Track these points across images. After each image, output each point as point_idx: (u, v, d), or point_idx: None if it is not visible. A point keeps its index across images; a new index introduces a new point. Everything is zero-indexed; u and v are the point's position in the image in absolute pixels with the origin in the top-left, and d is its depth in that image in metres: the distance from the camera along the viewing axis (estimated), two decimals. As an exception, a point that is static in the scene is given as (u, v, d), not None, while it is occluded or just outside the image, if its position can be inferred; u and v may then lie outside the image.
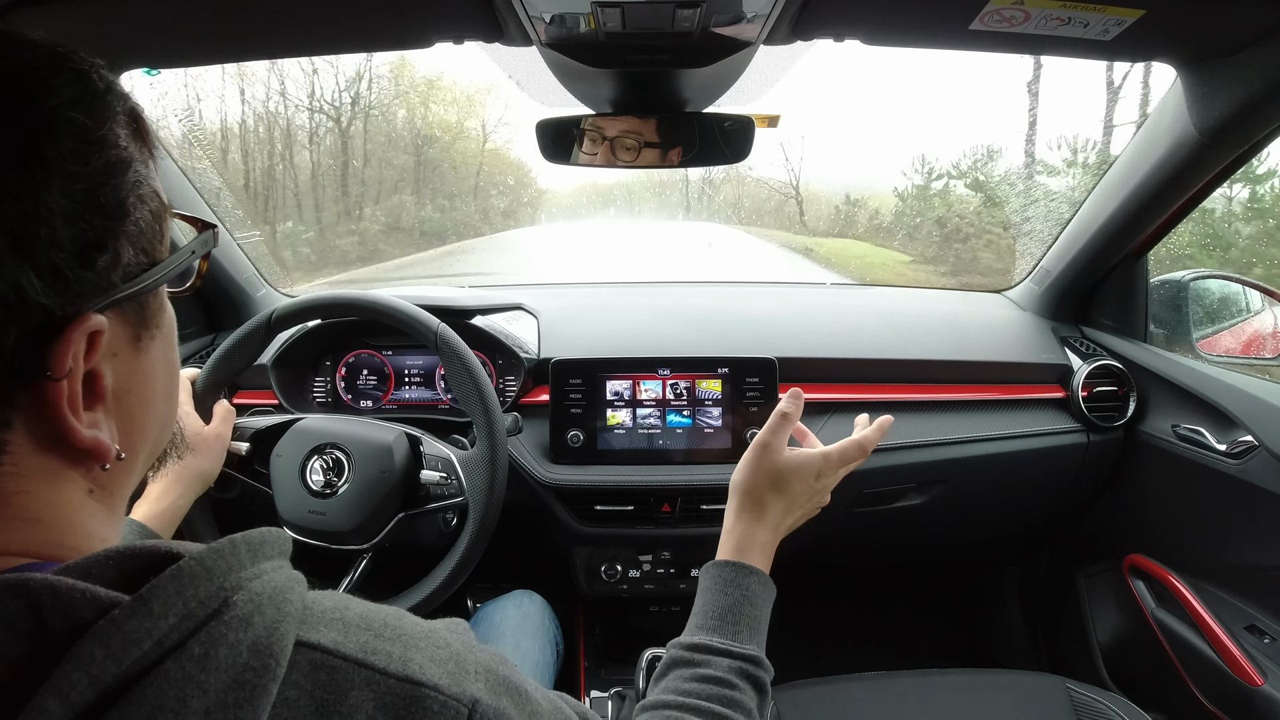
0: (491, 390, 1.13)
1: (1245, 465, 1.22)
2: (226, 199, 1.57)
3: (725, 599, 0.75)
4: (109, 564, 0.35)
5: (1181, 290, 1.49)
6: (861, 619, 2.11)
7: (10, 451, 0.37)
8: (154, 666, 0.32)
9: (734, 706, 0.66)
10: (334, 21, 0.95)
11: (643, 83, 1.10)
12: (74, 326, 0.36)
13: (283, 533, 0.42)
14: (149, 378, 0.44)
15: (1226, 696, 1.24)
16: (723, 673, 0.68)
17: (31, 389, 0.36)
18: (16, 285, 0.34)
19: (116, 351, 0.41)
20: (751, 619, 0.75)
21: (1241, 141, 1.09)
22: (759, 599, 0.77)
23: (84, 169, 0.36)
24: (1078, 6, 0.84)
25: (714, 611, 0.74)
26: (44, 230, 0.34)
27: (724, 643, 0.71)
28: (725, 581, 0.76)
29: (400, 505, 1.11)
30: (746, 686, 0.69)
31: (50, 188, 0.35)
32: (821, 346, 1.48)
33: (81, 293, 0.37)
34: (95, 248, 0.37)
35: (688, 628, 0.75)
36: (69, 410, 0.37)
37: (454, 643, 0.45)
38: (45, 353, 0.36)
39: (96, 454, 0.40)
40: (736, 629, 0.73)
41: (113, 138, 0.39)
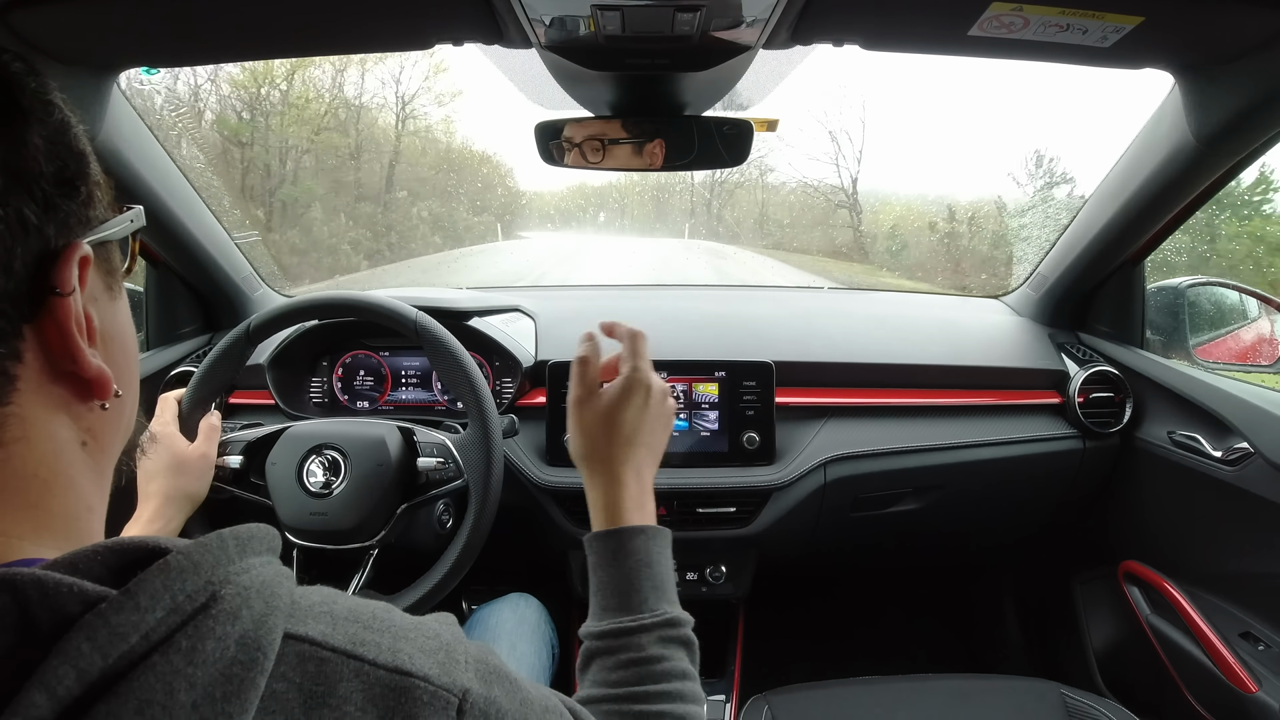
0: (478, 371, 1.13)
1: (1241, 472, 1.23)
2: (224, 199, 1.56)
3: (618, 571, 0.72)
4: (96, 558, 0.35)
5: (1178, 297, 1.49)
6: (856, 624, 2.11)
7: (18, 389, 0.39)
8: (141, 660, 0.32)
9: (669, 678, 0.66)
10: (333, 22, 0.95)
11: (642, 86, 1.10)
12: (70, 248, 0.40)
13: (271, 529, 0.43)
14: (124, 327, 0.48)
15: (1221, 703, 1.24)
16: (647, 650, 0.67)
17: (39, 321, 0.39)
18: (19, 213, 0.37)
19: (96, 296, 0.44)
20: (653, 579, 0.72)
21: (1239, 149, 1.09)
22: (653, 555, 0.74)
23: (49, 118, 0.41)
24: (1076, 13, 0.84)
25: (612, 589, 0.72)
26: (32, 165, 0.39)
27: (634, 619, 0.69)
28: (611, 553, 0.73)
29: (401, 497, 1.11)
30: (673, 650, 0.69)
31: (30, 130, 0.39)
32: (818, 350, 1.48)
33: (69, 223, 0.41)
34: (74, 181, 0.42)
35: (591, 611, 0.73)
36: (77, 333, 0.40)
37: (443, 633, 0.45)
38: (49, 274, 0.39)
39: (100, 384, 0.42)
40: (641, 598, 0.71)
41: (58, 102, 0.43)
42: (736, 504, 1.36)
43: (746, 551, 1.44)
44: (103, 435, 0.45)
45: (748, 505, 1.36)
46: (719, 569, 1.44)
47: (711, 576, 1.44)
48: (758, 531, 1.36)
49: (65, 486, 0.41)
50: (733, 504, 1.36)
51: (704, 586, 1.44)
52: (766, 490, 1.35)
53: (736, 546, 1.42)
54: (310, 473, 1.09)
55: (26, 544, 0.39)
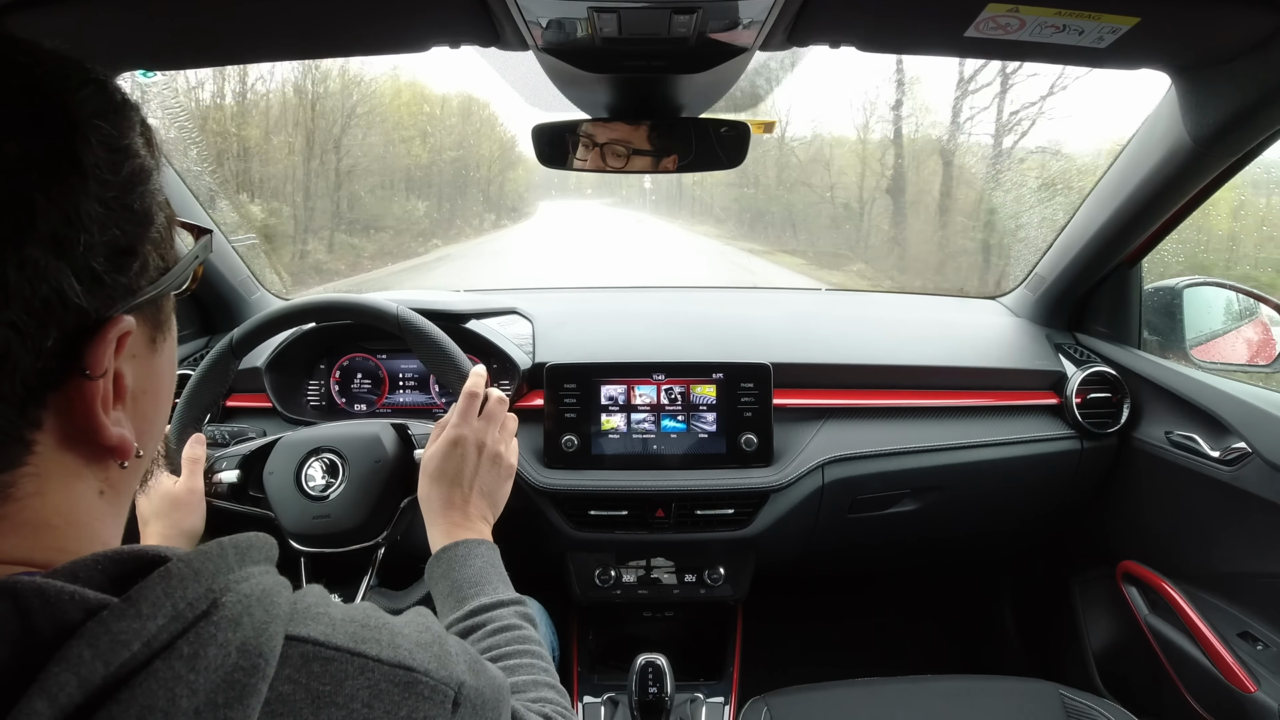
0: (464, 358, 1.13)
1: (1238, 472, 1.23)
2: (221, 201, 1.56)
3: (469, 571, 0.81)
4: (97, 567, 0.35)
5: (1175, 297, 1.49)
6: (855, 625, 2.11)
7: (36, 452, 0.37)
8: (143, 667, 0.32)
9: (530, 642, 0.75)
10: (330, 25, 0.95)
11: (639, 88, 1.10)
12: (109, 327, 0.38)
13: (269, 538, 0.43)
14: (160, 377, 0.46)
15: (1220, 703, 1.24)
16: (506, 620, 0.76)
17: (63, 389, 0.37)
18: (58, 289, 0.35)
19: (136, 353, 0.42)
20: (498, 574, 0.83)
21: (1235, 149, 1.09)
22: (494, 557, 0.86)
23: (115, 177, 0.38)
24: (1073, 14, 0.85)
25: (466, 583, 0.80)
26: (83, 237, 0.35)
27: (490, 599, 0.78)
28: (461, 560, 0.82)
29: (402, 491, 1.10)
30: (525, 624, 0.77)
31: (88, 195, 0.36)
32: (816, 352, 1.48)
33: (114, 296, 0.38)
34: (127, 253, 0.39)
35: (449, 609, 0.79)
36: (101, 408, 0.39)
37: (433, 626, 0.47)
38: (81, 353, 0.37)
39: (119, 451, 0.41)
40: (494, 585, 0.80)
41: (135, 146, 0.40)
42: (734, 506, 1.36)
43: (745, 553, 1.43)
44: (121, 485, 0.44)
45: (746, 507, 1.36)
46: (717, 571, 1.43)
47: (710, 578, 1.43)
48: (756, 533, 1.36)
49: (81, 529, 0.41)
50: (731, 506, 1.36)
51: (702, 589, 1.44)
52: (764, 492, 1.35)
53: (735, 548, 1.41)
54: (309, 477, 1.09)
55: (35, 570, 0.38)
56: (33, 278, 0.34)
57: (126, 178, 0.38)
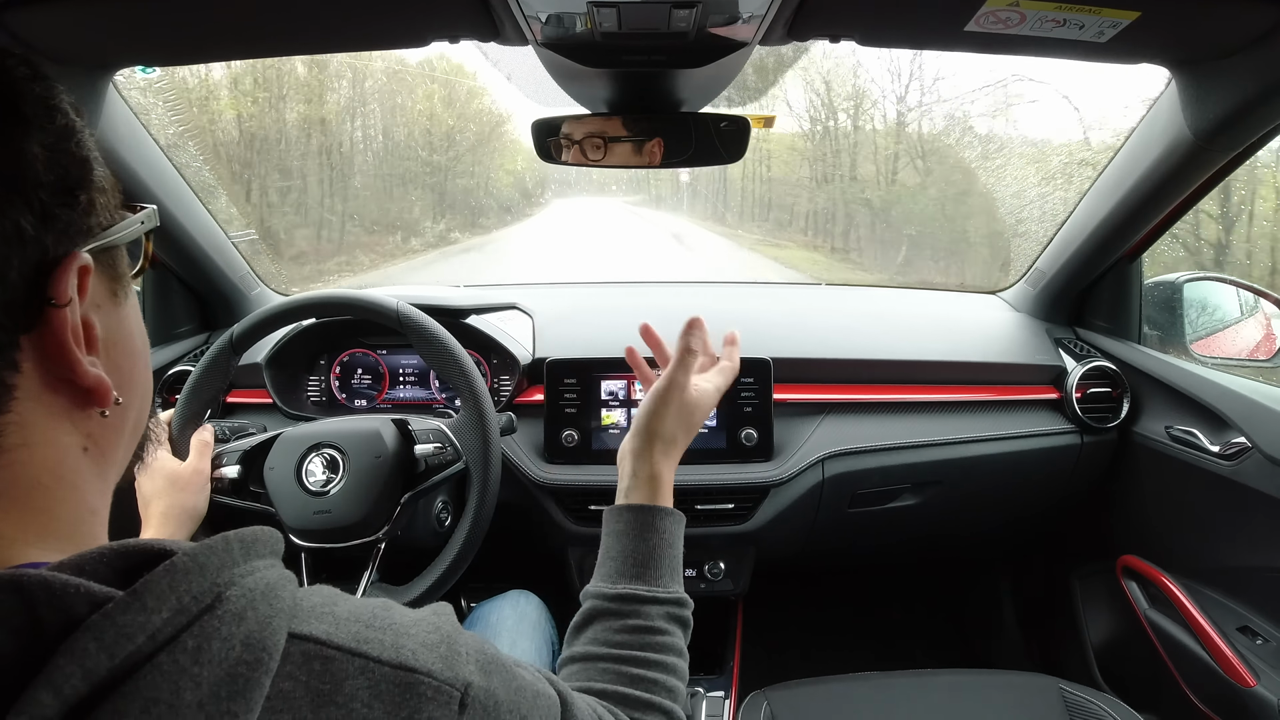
0: (465, 355, 1.13)
1: (1238, 467, 1.23)
2: (221, 197, 1.56)
3: (644, 545, 0.74)
4: (102, 560, 0.35)
5: (1175, 292, 1.49)
6: (855, 619, 2.11)
7: (16, 398, 0.38)
8: (147, 660, 0.32)
9: (667, 651, 0.69)
10: (329, 20, 0.94)
11: (639, 83, 1.10)
12: (68, 259, 0.40)
13: (274, 532, 0.43)
14: (130, 332, 0.48)
15: (1219, 698, 1.24)
16: (653, 620, 0.69)
17: (36, 331, 0.39)
18: (15, 223, 0.37)
19: (100, 303, 0.44)
20: (672, 561, 0.75)
21: (1236, 144, 1.09)
22: (676, 539, 0.77)
23: (51, 125, 0.41)
24: (1073, 9, 0.84)
25: (634, 558, 0.74)
26: (30, 174, 0.38)
27: (649, 590, 0.71)
28: (643, 526, 0.75)
29: (402, 486, 1.11)
30: (675, 628, 0.72)
31: (30, 139, 0.39)
32: (816, 347, 1.49)
33: (68, 233, 0.40)
34: (74, 189, 0.41)
35: (603, 574, 0.74)
36: (74, 344, 0.40)
37: (443, 626, 0.46)
38: (45, 284, 0.39)
39: (99, 393, 0.42)
40: (659, 574, 0.73)
41: (64, 107, 0.42)
42: (734, 500, 1.36)
43: (745, 548, 1.44)
44: (104, 440, 0.45)
45: (746, 502, 1.36)
46: (717, 565, 1.44)
47: (710, 573, 1.44)
48: (756, 528, 1.36)
49: (68, 491, 0.41)
50: (731, 500, 1.36)
51: (702, 583, 1.44)
52: (764, 486, 1.35)
53: (735, 543, 1.42)
54: (309, 472, 1.09)
55: (31, 549, 0.39)
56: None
57: (61, 128, 0.41)
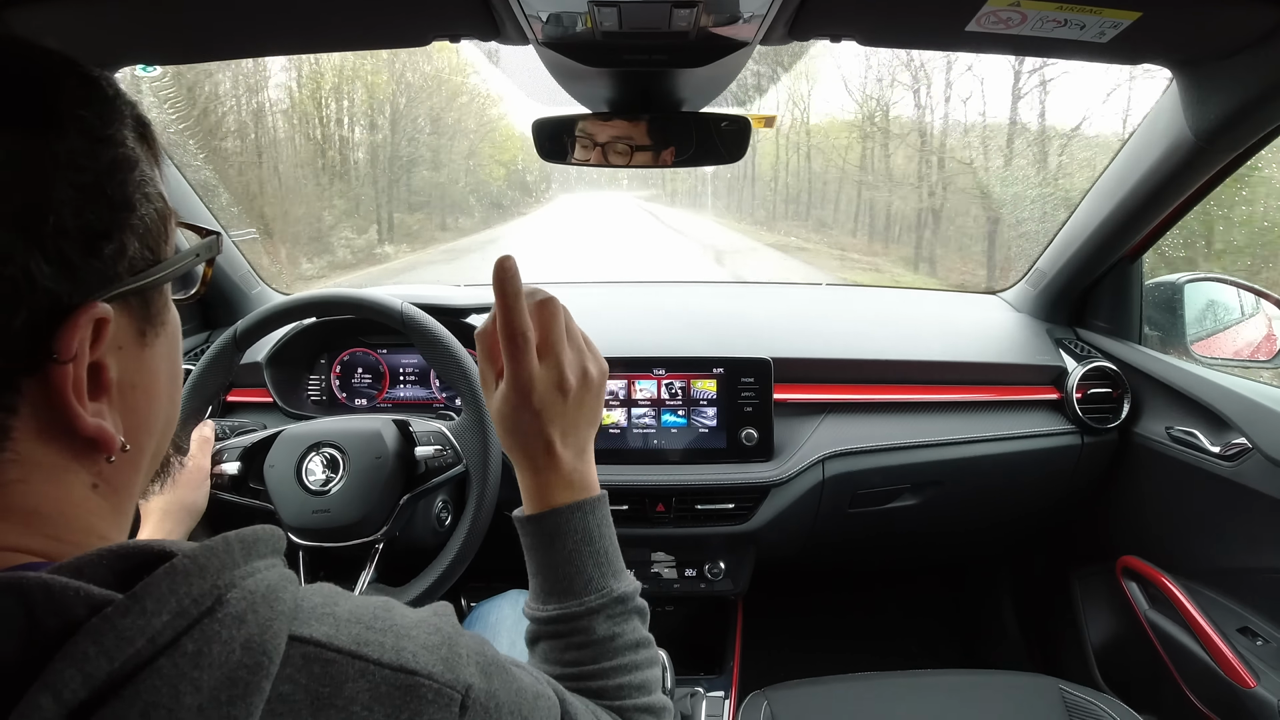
0: (468, 357, 1.14)
1: (1239, 467, 1.23)
2: (222, 196, 1.56)
3: (557, 554, 0.66)
4: (101, 562, 0.35)
5: (1176, 293, 1.49)
6: (855, 620, 2.11)
7: (13, 438, 0.37)
8: (147, 664, 0.32)
9: (622, 652, 0.64)
10: (330, 19, 0.94)
11: (639, 82, 1.10)
12: (80, 312, 0.37)
13: (276, 530, 0.42)
14: (153, 374, 0.45)
15: (1219, 698, 1.24)
16: (596, 631, 0.63)
17: (37, 376, 0.37)
18: (25, 270, 0.35)
19: (122, 345, 0.42)
20: (595, 557, 0.66)
21: (1237, 144, 1.09)
22: (593, 529, 0.67)
23: (92, 164, 0.38)
24: (1074, 9, 0.84)
25: (552, 573, 0.66)
26: (52, 219, 0.36)
27: (580, 604, 0.64)
28: (550, 535, 0.66)
29: (402, 488, 1.11)
30: (623, 625, 0.65)
31: (59, 181, 0.36)
32: (816, 347, 1.49)
33: (88, 282, 0.38)
34: (101, 238, 0.38)
35: (532, 591, 0.67)
36: (74, 397, 0.38)
37: (444, 627, 0.46)
38: (52, 337, 0.37)
39: (101, 443, 0.40)
40: (585, 580, 0.65)
41: (120, 137, 0.40)
42: (735, 500, 1.36)
43: (745, 548, 1.44)
44: (116, 480, 0.43)
45: (746, 502, 1.36)
46: (717, 565, 1.44)
47: (710, 573, 1.44)
48: (756, 528, 1.36)
49: (73, 523, 0.40)
50: (731, 500, 1.36)
51: (702, 583, 1.44)
52: (765, 486, 1.35)
53: (735, 543, 1.42)
54: (309, 471, 1.09)
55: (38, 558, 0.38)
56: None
57: (104, 166, 0.39)
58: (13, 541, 0.38)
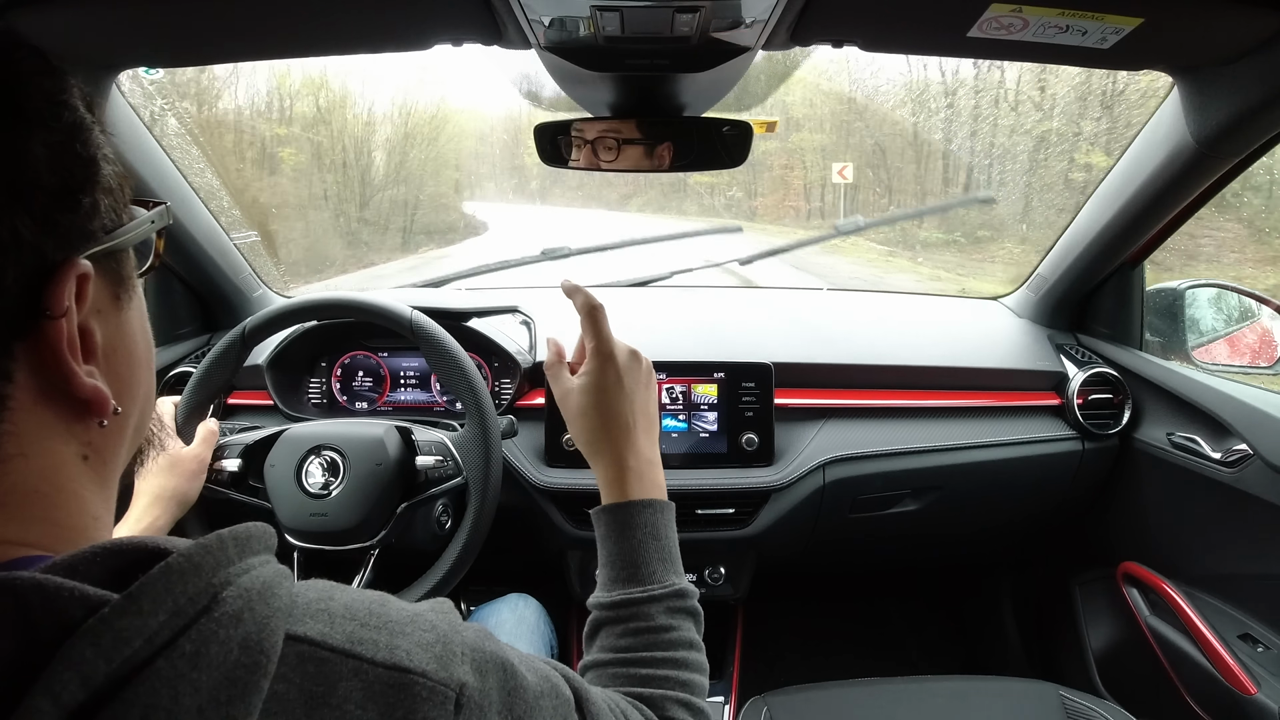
0: (474, 369, 1.14)
1: (1240, 474, 1.23)
2: (223, 198, 1.56)
3: (628, 545, 0.72)
4: (96, 561, 0.35)
5: (1177, 299, 1.49)
6: (855, 625, 2.11)
7: (10, 408, 0.38)
8: (145, 665, 0.32)
9: (674, 646, 0.68)
10: (332, 23, 0.94)
11: (641, 87, 1.10)
12: (66, 266, 0.39)
13: (268, 527, 0.42)
14: (132, 338, 0.46)
15: (1220, 705, 1.24)
16: (654, 619, 0.68)
17: (30, 340, 0.38)
18: (12, 228, 0.36)
19: (101, 309, 0.43)
20: (661, 552, 0.73)
21: (1239, 150, 1.09)
22: (661, 528, 0.74)
23: (57, 123, 0.39)
24: (1076, 15, 0.84)
25: (621, 561, 0.72)
26: (30, 175, 0.37)
27: (644, 590, 0.70)
28: (622, 526, 0.73)
29: (401, 496, 1.11)
30: (680, 620, 0.70)
31: (32, 138, 0.38)
32: (817, 352, 1.48)
33: (69, 238, 0.40)
34: (76, 192, 0.40)
35: (600, 581, 0.73)
36: (69, 354, 0.39)
37: (440, 624, 0.45)
38: (41, 294, 0.38)
39: (96, 404, 0.41)
40: (650, 571, 0.71)
41: (74, 103, 0.41)
42: (735, 505, 1.36)
43: (745, 553, 1.43)
44: (104, 449, 0.44)
45: (746, 506, 1.36)
46: (718, 570, 1.44)
47: (710, 578, 1.43)
48: (756, 533, 1.36)
49: (69, 499, 0.41)
50: (731, 505, 1.36)
51: (703, 588, 1.43)
52: (765, 491, 1.35)
53: (735, 548, 1.42)
54: (309, 474, 1.09)
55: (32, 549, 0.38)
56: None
57: (67, 126, 0.40)
58: (11, 533, 0.38)
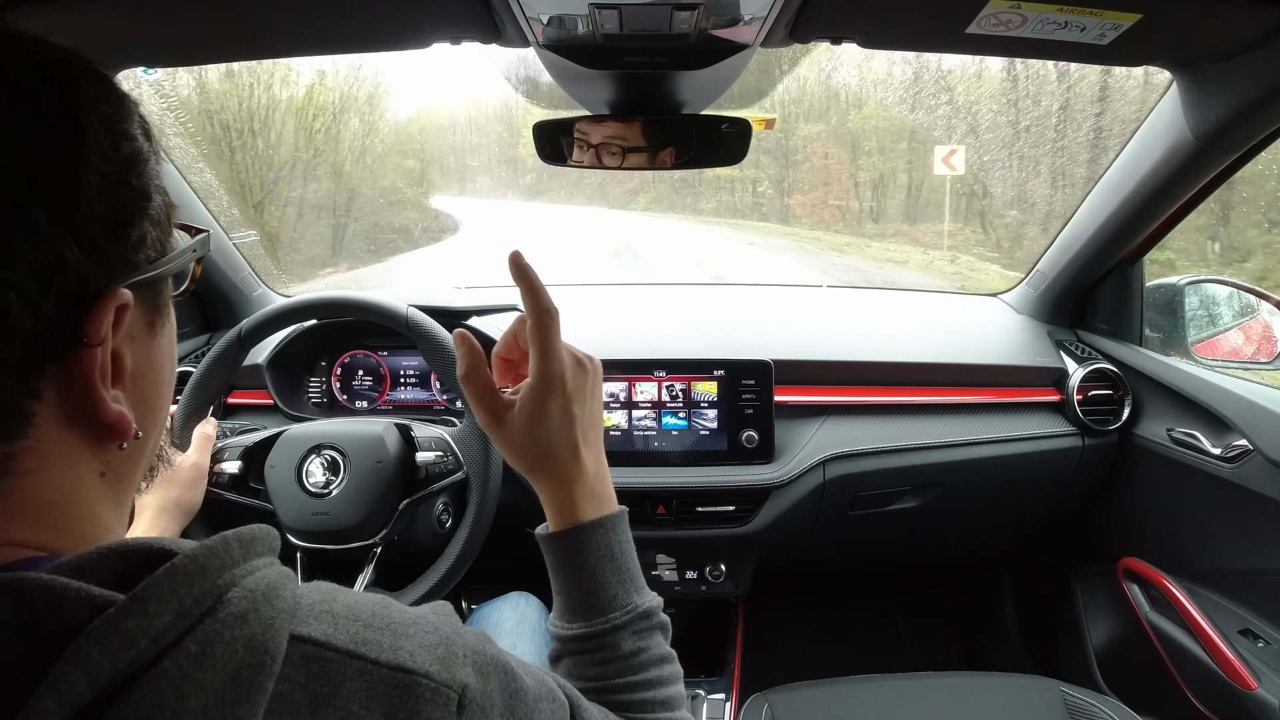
0: None
1: (1240, 469, 1.23)
2: (222, 198, 1.56)
3: (582, 571, 0.66)
4: (102, 562, 0.35)
5: (1177, 294, 1.49)
6: (856, 622, 2.11)
7: (35, 425, 0.38)
8: (151, 665, 0.32)
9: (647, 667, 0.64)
10: (330, 22, 0.94)
11: (640, 85, 1.10)
12: (108, 296, 0.39)
13: (271, 529, 0.43)
14: (160, 365, 0.46)
15: (1220, 700, 1.24)
16: (621, 647, 0.63)
17: (62, 361, 0.38)
18: (58, 254, 0.36)
19: (134, 335, 0.43)
20: (618, 573, 0.66)
21: (1237, 146, 1.09)
22: (615, 545, 0.67)
23: (115, 154, 0.39)
24: (1074, 10, 0.84)
25: (579, 590, 0.66)
26: (83, 204, 0.37)
27: (605, 621, 0.64)
28: (574, 552, 0.66)
29: (402, 493, 1.11)
30: (647, 640, 0.65)
31: (89, 167, 0.38)
32: (817, 349, 1.48)
33: (113, 267, 0.40)
34: (126, 224, 0.40)
35: (557, 609, 0.67)
36: (100, 381, 0.39)
37: (442, 626, 0.46)
38: (80, 320, 0.38)
39: (119, 429, 0.41)
40: (609, 598, 0.65)
41: (132, 132, 0.41)
42: (735, 503, 1.36)
43: (746, 550, 1.44)
44: (122, 468, 0.44)
45: (747, 504, 1.36)
46: (718, 568, 1.44)
47: (711, 575, 1.44)
48: (757, 530, 1.36)
49: (83, 512, 0.41)
50: (732, 503, 1.36)
51: (703, 585, 1.44)
52: (765, 489, 1.35)
53: (736, 545, 1.42)
54: (310, 473, 1.09)
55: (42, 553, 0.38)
56: (34, 240, 0.35)
57: (125, 157, 0.40)
58: (21, 536, 0.38)
